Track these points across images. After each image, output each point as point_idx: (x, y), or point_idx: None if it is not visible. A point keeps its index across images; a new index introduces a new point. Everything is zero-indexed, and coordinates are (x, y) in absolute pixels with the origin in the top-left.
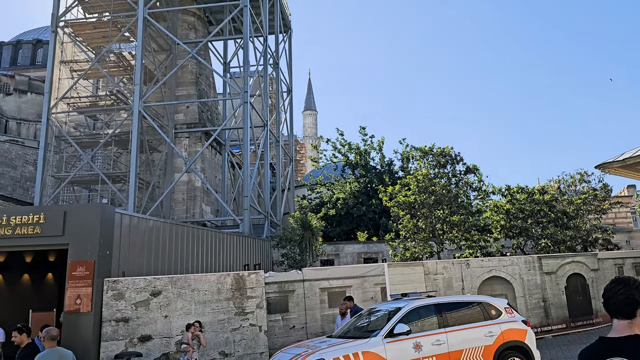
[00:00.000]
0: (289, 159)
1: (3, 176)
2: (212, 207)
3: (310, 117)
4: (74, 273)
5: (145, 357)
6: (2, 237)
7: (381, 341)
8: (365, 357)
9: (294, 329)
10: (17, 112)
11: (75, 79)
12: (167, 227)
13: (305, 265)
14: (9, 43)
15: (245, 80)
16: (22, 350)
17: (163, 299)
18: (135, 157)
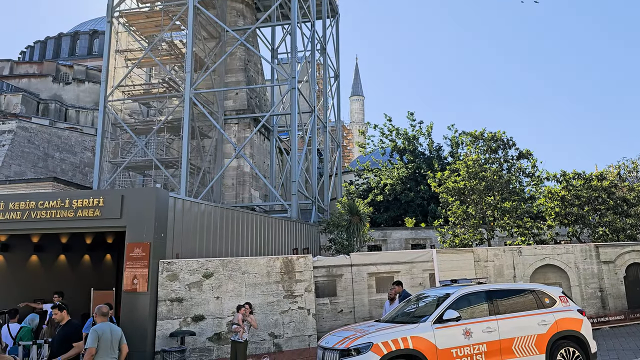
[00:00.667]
0: (336, 144)
1: (64, 162)
2: (261, 192)
3: (357, 103)
4: (132, 254)
5: (198, 336)
6: (65, 219)
7: (430, 327)
8: (414, 342)
9: (341, 313)
10: (76, 101)
11: (130, 68)
12: (218, 211)
13: (352, 250)
14: (67, 34)
15: (292, 66)
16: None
17: (215, 280)
18: (186, 143)
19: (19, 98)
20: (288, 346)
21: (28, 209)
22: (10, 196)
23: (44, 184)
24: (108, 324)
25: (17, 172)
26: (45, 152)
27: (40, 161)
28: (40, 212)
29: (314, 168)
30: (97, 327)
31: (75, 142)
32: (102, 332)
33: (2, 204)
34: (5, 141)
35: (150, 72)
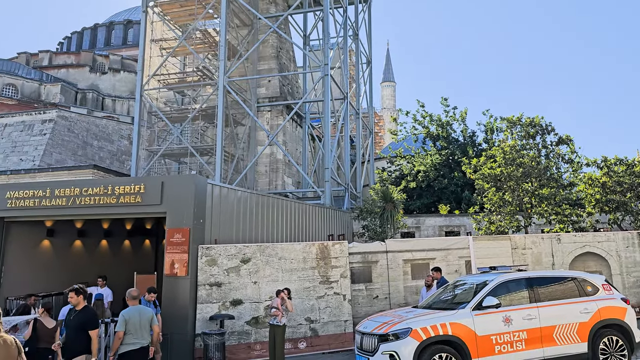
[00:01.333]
0: (369, 131)
1: (102, 150)
2: (294, 179)
3: (389, 89)
4: (172, 239)
5: (236, 319)
6: (108, 205)
7: (469, 313)
8: (453, 328)
9: (377, 299)
10: (112, 90)
11: (165, 57)
12: (254, 197)
13: (385, 237)
14: (102, 24)
15: (325, 52)
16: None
17: (252, 265)
18: (221, 130)
19: (58, 88)
20: (324, 331)
21: (72, 195)
22: (55, 183)
23: (85, 171)
24: (137, 307)
25: (58, 160)
26: (84, 141)
27: (79, 149)
28: (84, 198)
29: (346, 155)
30: (125, 312)
31: (112, 131)
32: (130, 316)
33: (48, 190)
34: (47, 130)
35: (185, 60)
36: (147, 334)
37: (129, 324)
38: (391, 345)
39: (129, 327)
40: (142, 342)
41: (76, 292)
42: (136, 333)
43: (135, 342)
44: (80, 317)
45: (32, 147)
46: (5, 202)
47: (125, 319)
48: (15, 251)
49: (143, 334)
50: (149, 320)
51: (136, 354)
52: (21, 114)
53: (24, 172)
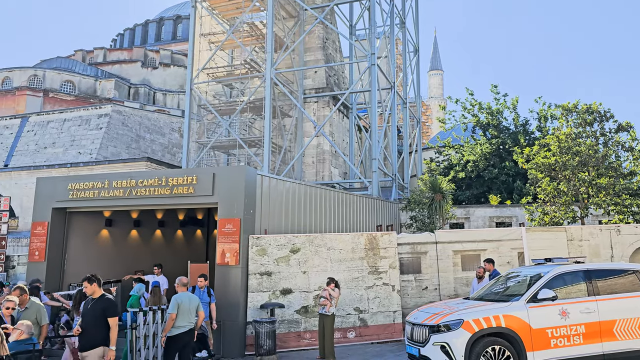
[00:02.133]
0: (416, 120)
1: (154, 142)
2: (340, 169)
3: (436, 77)
4: (223, 229)
5: (286, 308)
6: (162, 196)
7: (524, 305)
8: (507, 321)
9: (426, 290)
10: (163, 84)
11: (213, 51)
12: (302, 188)
13: (434, 228)
14: (153, 20)
15: (371, 41)
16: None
17: (301, 255)
18: (268, 122)
19: (112, 84)
20: (373, 321)
21: (129, 187)
22: (113, 175)
23: (138, 163)
24: (187, 294)
25: (113, 153)
26: (137, 134)
27: (133, 142)
28: (139, 189)
29: (394, 145)
30: (177, 296)
31: (164, 124)
32: (182, 301)
33: (107, 182)
34: (102, 124)
35: (232, 54)
36: (193, 318)
37: (180, 308)
38: (443, 336)
39: (180, 310)
40: (189, 325)
41: (89, 280)
42: (184, 316)
43: (184, 325)
44: (97, 305)
45: (89, 141)
46: (67, 193)
47: (177, 302)
48: (76, 240)
49: (190, 318)
50: (196, 307)
51: (184, 336)
52: (79, 109)
53: (82, 164)
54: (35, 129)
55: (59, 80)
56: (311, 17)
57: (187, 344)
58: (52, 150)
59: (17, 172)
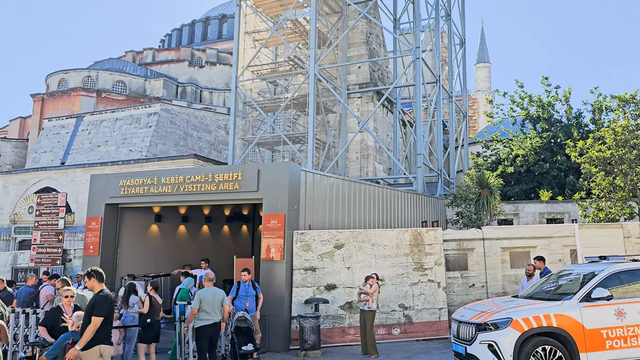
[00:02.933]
0: (462, 115)
1: (201, 140)
2: (385, 165)
3: (483, 70)
4: (268, 225)
5: (331, 304)
6: (209, 192)
7: (576, 305)
8: (558, 320)
9: (473, 287)
10: (209, 82)
11: (258, 48)
12: (345, 184)
13: (481, 224)
14: (199, 20)
15: (416, 35)
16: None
17: (345, 251)
18: (312, 118)
19: (160, 83)
20: (418, 318)
21: (177, 183)
22: (162, 172)
23: (186, 160)
24: (211, 288)
25: (162, 150)
26: (184, 132)
27: (180, 140)
28: (187, 185)
29: (439, 140)
30: (200, 292)
31: (210, 121)
32: (204, 296)
33: (156, 178)
34: (152, 123)
35: (276, 51)
36: (219, 312)
37: (203, 302)
38: (490, 334)
39: (203, 305)
40: (215, 318)
41: (87, 275)
42: (208, 310)
43: (209, 318)
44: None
45: (139, 139)
46: (119, 190)
47: (200, 297)
48: (128, 235)
49: (215, 311)
50: (221, 301)
51: (209, 329)
52: (129, 109)
53: (133, 162)
54: (89, 128)
55: (111, 80)
56: (354, 12)
57: (213, 335)
58: (105, 149)
59: (72, 169)
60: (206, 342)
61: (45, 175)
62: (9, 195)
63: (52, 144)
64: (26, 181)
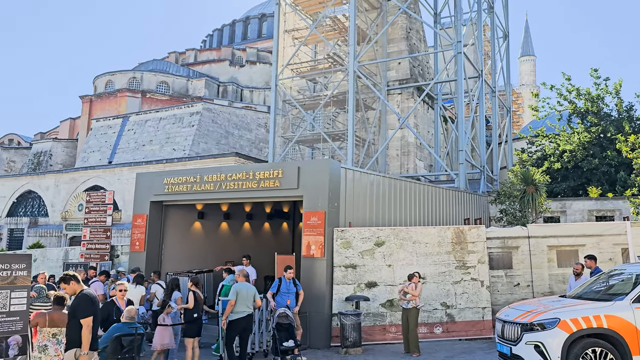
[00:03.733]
0: (506, 109)
1: (241, 138)
2: (425, 162)
3: (528, 64)
4: (308, 222)
5: (371, 301)
6: (250, 189)
7: (629, 305)
8: (609, 321)
9: (518, 286)
10: (249, 81)
11: (297, 46)
12: (386, 181)
13: (526, 222)
14: (239, 20)
15: (457, 29)
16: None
17: (386, 249)
18: (352, 115)
19: (202, 83)
20: (461, 317)
21: (219, 180)
22: (204, 170)
23: (227, 158)
24: (244, 284)
25: (204, 149)
26: (226, 130)
27: (222, 138)
28: (229, 183)
29: (482, 136)
30: (236, 285)
31: (250, 120)
32: (240, 290)
33: (199, 176)
34: (194, 122)
35: (316, 48)
36: (251, 305)
37: (239, 296)
38: (537, 335)
39: (239, 298)
40: (248, 311)
41: (64, 281)
42: (242, 303)
43: (242, 310)
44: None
45: (182, 138)
46: (163, 187)
47: (236, 291)
48: (172, 232)
49: (248, 305)
50: (253, 295)
51: (242, 321)
52: (172, 108)
53: (176, 160)
54: (134, 127)
55: (155, 81)
56: (394, 8)
57: (245, 328)
58: (150, 147)
59: (119, 168)
60: (236, 333)
61: (93, 174)
62: (60, 194)
63: (99, 144)
64: (76, 180)
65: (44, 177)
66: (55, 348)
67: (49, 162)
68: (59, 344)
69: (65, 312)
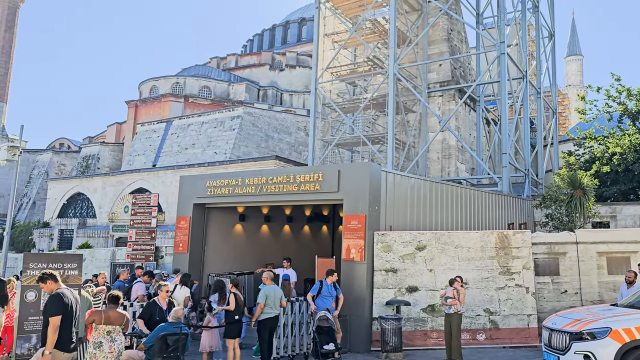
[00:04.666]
0: (551, 111)
1: (281, 141)
2: (467, 165)
3: (574, 64)
4: (349, 225)
5: (412, 306)
6: (291, 192)
7: None
8: None
9: (565, 293)
10: (289, 85)
11: (337, 50)
12: (427, 184)
13: (573, 227)
14: (279, 25)
15: (501, 29)
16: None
17: (427, 253)
18: (392, 118)
19: (243, 87)
20: (505, 324)
21: (260, 184)
22: (246, 173)
23: (268, 162)
24: (273, 286)
25: (244, 152)
26: (266, 134)
27: (262, 142)
28: (270, 186)
29: (526, 138)
30: (266, 289)
31: (290, 123)
32: (269, 292)
33: (240, 179)
34: (235, 126)
35: (355, 51)
36: (278, 307)
37: (268, 299)
38: (586, 345)
39: (268, 301)
40: (275, 312)
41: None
42: (272, 306)
43: (271, 311)
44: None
45: (223, 141)
46: (206, 190)
47: (266, 293)
48: (214, 234)
49: (276, 306)
50: (280, 298)
51: (271, 321)
52: (214, 112)
53: (218, 163)
54: (177, 131)
55: (197, 86)
56: (435, 9)
57: (274, 327)
58: (192, 151)
59: (163, 171)
60: (267, 332)
61: (138, 177)
62: (107, 196)
63: (144, 147)
64: (122, 182)
65: (92, 180)
66: (109, 345)
67: (97, 165)
68: (113, 342)
69: (120, 310)
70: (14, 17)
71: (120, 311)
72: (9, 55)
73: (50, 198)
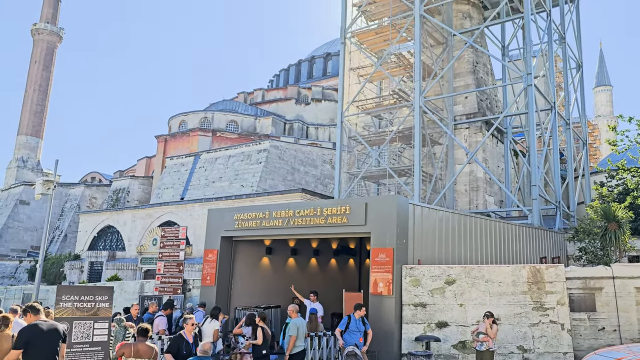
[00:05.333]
0: (582, 142)
1: (307, 174)
2: (496, 197)
3: (604, 94)
4: (376, 259)
5: (442, 342)
6: (317, 225)
7: None
8: None
9: (603, 331)
10: (314, 119)
11: (362, 83)
12: (455, 217)
13: (609, 261)
14: (305, 60)
15: (527, 61)
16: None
17: (457, 287)
18: (418, 151)
19: (269, 121)
20: None
21: (287, 217)
22: (273, 206)
23: (294, 195)
24: (300, 319)
25: (271, 185)
26: (292, 167)
27: (288, 175)
28: (296, 219)
29: (556, 170)
30: (296, 321)
31: (316, 156)
32: (299, 325)
33: (267, 212)
34: (261, 159)
35: (381, 85)
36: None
37: (299, 332)
38: None
39: (299, 333)
40: (304, 345)
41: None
42: (301, 338)
43: (301, 345)
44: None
45: (250, 174)
46: (234, 223)
47: (297, 326)
48: (241, 267)
49: (303, 339)
50: (304, 331)
51: (300, 354)
52: (241, 146)
53: (245, 196)
54: (205, 165)
55: (225, 120)
56: (460, 42)
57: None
58: (219, 184)
59: (191, 204)
60: None
61: (167, 210)
62: (136, 229)
63: (173, 181)
64: (151, 215)
65: (122, 213)
66: None
67: (127, 198)
68: None
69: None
70: (51, 57)
71: (149, 344)
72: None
73: (81, 231)
